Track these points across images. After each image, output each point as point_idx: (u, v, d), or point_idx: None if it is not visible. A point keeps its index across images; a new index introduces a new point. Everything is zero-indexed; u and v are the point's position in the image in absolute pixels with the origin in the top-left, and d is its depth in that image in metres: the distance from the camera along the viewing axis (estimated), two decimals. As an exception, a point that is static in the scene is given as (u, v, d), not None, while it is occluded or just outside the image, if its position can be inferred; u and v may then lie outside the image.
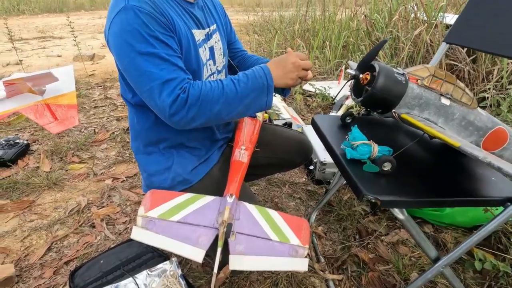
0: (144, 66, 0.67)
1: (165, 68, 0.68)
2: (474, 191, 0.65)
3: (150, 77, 0.67)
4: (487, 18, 0.81)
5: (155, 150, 0.91)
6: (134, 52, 0.67)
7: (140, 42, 0.66)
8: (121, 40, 0.67)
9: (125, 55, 0.68)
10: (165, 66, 0.68)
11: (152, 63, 0.67)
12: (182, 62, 0.72)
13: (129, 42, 0.67)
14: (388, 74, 0.67)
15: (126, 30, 0.66)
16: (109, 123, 2.17)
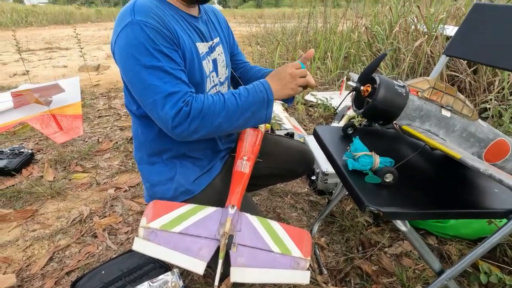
0: (148, 79, 0.69)
1: (169, 81, 0.69)
2: (476, 203, 0.65)
3: (154, 90, 0.69)
4: (485, 31, 0.83)
5: (158, 161, 0.91)
6: (139, 65, 0.68)
7: (145, 55, 0.68)
8: (127, 53, 0.69)
9: (130, 68, 0.70)
10: (168, 79, 0.69)
11: (156, 77, 0.69)
12: (185, 76, 0.74)
13: (134, 56, 0.68)
14: (389, 86, 0.68)
15: (132, 44, 0.68)
16: (112, 133, 2.19)
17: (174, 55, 0.71)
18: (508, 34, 0.78)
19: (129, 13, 0.70)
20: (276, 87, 0.74)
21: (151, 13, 0.71)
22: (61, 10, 19.36)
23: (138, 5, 0.72)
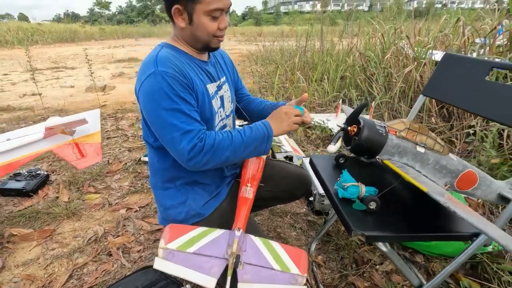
0: (168, 119, 0.82)
1: (185, 121, 0.83)
2: (446, 227, 0.77)
3: (172, 128, 0.82)
4: (454, 78, 0.97)
5: (171, 186, 1.03)
6: (160, 108, 0.82)
7: (165, 100, 0.82)
8: (150, 98, 0.83)
9: (153, 110, 0.84)
10: (185, 119, 0.83)
11: (175, 117, 0.82)
12: (198, 115, 0.88)
13: (156, 100, 0.82)
14: (371, 128, 0.82)
15: (155, 90, 0.82)
16: (121, 154, 2.31)
17: (189, 98, 0.85)
18: (470, 81, 0.93)
19: (153, 64, 0.84)
20: (275, 125, 0.89)
21: (171, 63, 0.85)
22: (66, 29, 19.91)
23: (160, 57, 0.86)
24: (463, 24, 2.54)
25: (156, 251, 1.30)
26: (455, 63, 0.99)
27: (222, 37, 0.93)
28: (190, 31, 0.88)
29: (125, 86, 4.94)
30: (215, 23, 0.86)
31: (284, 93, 3.57)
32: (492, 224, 0.65)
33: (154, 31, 25.43)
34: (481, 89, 0.87)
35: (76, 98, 4.11)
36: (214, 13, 0.84)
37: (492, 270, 1.12)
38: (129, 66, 7.22)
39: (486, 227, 0.60)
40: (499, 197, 0.92)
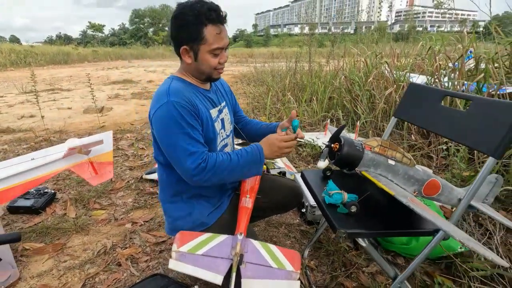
0: (177, 142, 0.98)
1: (191, 143, 0.98)
2: (413, 225, 0.93)
3: (180, 149, 0.98)
4: (418, 102, 1.17)
5: (179, 200, 1.18)
6: (170, 132, 0.98)
7: (175, 125, 0.98)
8: (163, 123, 0.99)
9: (164, 134, 1.00)
10: (191, 142, 0.98)
11: (182, 140, 0.98)
12: (203, 138, 1.03)
13: (168, 125, 0.98)
14: (350, 145, 0.99)
15: (167, 117, 0.98)
16: (123, 173, 2.43)
17: (195, 124, 1.02)
18: (429, 106, 1.13)
19: (166, 94, 1.01)
20: (266, 152, 1.06)
21: (181, 94, 1.02)
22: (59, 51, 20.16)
23: (172, 88, 1.04)
24: (434, 52, 2.84)
25: (163, 261, 1.42)
26: (418, 90, 1.19)
27: (222, 70, 1.11)
28: (195, 66, 1.06)
29: (122, 107, 5.09)
30: (216, 59, 1.05)
31: (276, 113, 3.79)
32: (445, 220, 0.82)
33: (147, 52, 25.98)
34: (436, 112, 1.07)
35: (75, 120, 4.23)
36: (215, 51, 1.02)
37: (462, 268, 1.28)
38: (124, 88, 7.41)
39: (439, 221, 0.76)
40: (459, 202, 1.10)
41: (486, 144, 0.84)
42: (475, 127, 0.89)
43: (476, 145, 0.88)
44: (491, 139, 0.82)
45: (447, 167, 2.18)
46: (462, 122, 0.95)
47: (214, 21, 0.96)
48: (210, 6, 0.96)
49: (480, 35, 2.84)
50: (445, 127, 1.02)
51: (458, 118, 0.98)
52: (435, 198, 1.09)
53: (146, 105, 5.27)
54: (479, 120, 0.89)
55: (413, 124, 1.45)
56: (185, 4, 0.98)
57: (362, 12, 47.85)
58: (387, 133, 1.29)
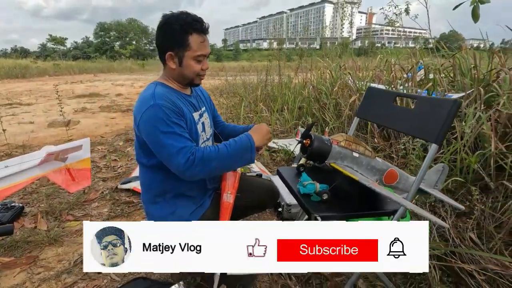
0: (165, 140, 1.04)
1: (179, 140, 1.05)
2: (375, 207, 1.07)
3: (170, 147, 1.04)
4: (376, 103, 1.34)
5: (161, 200, 1.22)
6: (158, 132, 1.04)
7: (163, 125, 1.05)
8: (150, 124, 1.05)
9: (153, 134, 1.06)
10: (179, 139, 1.05)
11: (171, 138, 1.05)
12: (189, 135, 1.11)
13: (156, 126, 1.05)
14: (320, 140, 1.12)
15: (155, 119, 1.05)
16: (96, 184, 2.37)
17: (181, 123, 1.09)
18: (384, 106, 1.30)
19: (151, 98, 1.07)
20: (257, 137, 1.13)
21: (166, 97, 1.09)
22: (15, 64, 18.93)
23: (157, 93, 1.10)
24: (390, 64, 3.15)
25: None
26: (375, 93, 1.37)
27: (203, 76, 1.20)
28: (179, 71, 1.14)
29: (90, 120, 4.93)
30: (199, 65, 1.14)
31: (250, 122, 3.91)
32: (403, 198, 0.96)
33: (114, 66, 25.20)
34: (391, 111, 1.24)
35: (38, 134, 4.02)
36: (199, 58, 1.11)
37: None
38: (91, 101, 7.15)
39: (396, 198, 0.89)
40: (415, 188, 1.26)
41: (430, 133, 1.00)
42: (421, 121, 1.06)
43: (422, 135, 1.05)
44: (433, 129, 0.99)
45: (406, 165, 2.42)
46: (411, 118, 1.12)
47: (198, 30, 1.06)
48: (195, 17, 1.06)
49: (429, 51, 3.23)
50: (398, 123, 1.19)
51: (407, 114, 1.15)
52: (394, 186, 1.25)
53: (116, 118, 5.15)
54: (424, 114, 1.06)
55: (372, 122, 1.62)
56: (172, 14, 1.07)
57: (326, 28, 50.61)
58: (351, 131, 1.44)
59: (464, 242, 1.47)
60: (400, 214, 1.01)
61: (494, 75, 2.41)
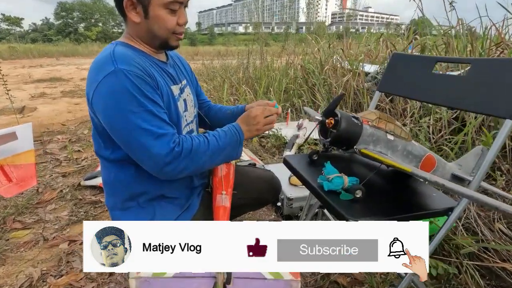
0: (137, 124, 0.72)
1: (156, 124, 0.74)
2: (424, 206, 0.82)
3: (143, 133, 0.72)
4: (404, 73, 1.08)
5: (133, 205, 0.91)
6: (125, 110, 0.72)
7: (131, 101, 0.72)
8: (112, 100, 0.72)
9: (116, 114, 0.72)
10: (155, 122, 0.74)
11: (144, 120, 0.72)
12: (168, 117, 0.79)
13: (120, 102, 0.72)
14: (348, 119, 0.84)
15: (117, 91, 0.72)
16: (54, 181, 1.97)
17: (157, 99, 0.77)
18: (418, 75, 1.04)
19: (110, 61, 0.74)
20: (245, 129, 0.87)
21: (133, 61, 0.75)
22: (-38, 46, 16.88)
23: (118, 53, 0.76)
24: (386, 39, 2.92)
25: (115, 286, 1.10)
26: (403, 60, 1.10)
27: (181, 35, 0.87)
28: (146, 26, 0.80)
29: (49, 107, 4.34)
30: (173, 17, 0.80)
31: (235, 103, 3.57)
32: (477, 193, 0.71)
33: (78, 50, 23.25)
34: (429, 81, 0.98)
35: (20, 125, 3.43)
36: (172, 6, 0.78)
37: (450, 246, 1.23)
38: (51, 86, 6.41)
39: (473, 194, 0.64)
40: (453, 177, 1.03)
41: (499, 106, 0.75)
42: (481, 90, 0.80)
43: (486, 109, 0.79)
44: (503, 100, 0.74)
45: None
46: (464, 88, 0.86)
47: None
48: None
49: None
50: (441, 95, 0.93)
51: (457, 84, 0.89)
52: (430, 175, 1.01)
53: (80, 104, 4.57)
54: (484, 82, 0.80)
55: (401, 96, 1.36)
56: None
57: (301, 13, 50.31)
58: (370, 107, 1.18)
59: (494, 234, 1.29)
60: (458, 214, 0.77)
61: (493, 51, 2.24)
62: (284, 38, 5.41)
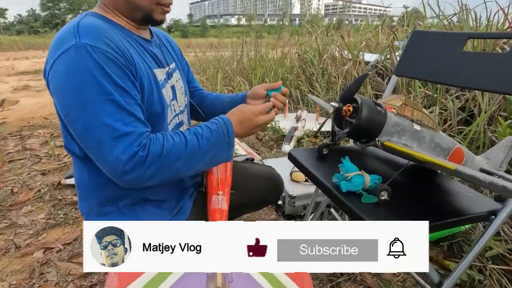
0: (95, 115, 0.56)
1: (121, 118, 0.58)
2: (463, 209, 0.68)
3: (101, 128, 0.56)
4: (427, 53, 0.94)
5: (112, 210, 0.76)
6: (83, 97, 0.56)
7: (92, 86, 0.56)
8: (68, 82, 0.57)
9: (71, 101, 0.57)
10: (121, 116, 0.58)
11: (106, 112, 0.57)
12: (142, 111, 0.63)
13: (78, 86, 0.56)
14: (370, 106, 0.69)
15: (76, 72, 0.56)
16: (31, 179, 1.79)
17: (129, 86, 0.60)
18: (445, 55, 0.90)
19: (73, 34, 0.58)
20: (237, 129, 0.70)
21: (102, 35, 0.60)
22: None
23: (84, 25, 0.60)
24: (389, 25, 2.78)
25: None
26: (426, 39, 0.95)
27: (168, 7, 0.71)
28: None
29: (32, 100, 4.10)
30: None
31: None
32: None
33: (66, 42, 22.50)
34: (458, 61, 0.84)
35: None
36: None
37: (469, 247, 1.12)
38: (36, 79, 6.10)
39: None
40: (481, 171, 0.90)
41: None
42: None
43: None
44: None
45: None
46: (504, 68, 0.72)
47: None
48: None
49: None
50: (475, 77, 0.79)
51: (495, 63, 0.75)
52: (457, 171, 0.87)
53: (66, 97, 4.33)
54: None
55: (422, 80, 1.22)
56: None
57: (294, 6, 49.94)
58: (386, 93, 1.04)
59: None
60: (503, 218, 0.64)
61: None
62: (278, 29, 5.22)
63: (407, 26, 3.04)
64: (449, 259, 1.13)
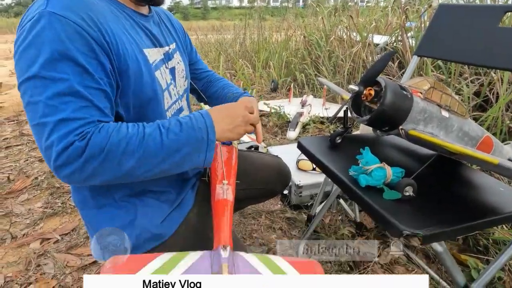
0: (43, 94, 0.48)
1: (72, 102, 0.49)
2: (498, 207, 0.61)
3: (45, 110, 0.48)
4: (455, 30, 0.84)
5: (108, 202, 0.69)
6: (34, 71, 0.48)
7: (47, 61, 0.48)
8: (24, 53, 0.49)
9: (24, 72, 0.49)
10: (72, 99, 0.49)
11: (55, 92, 0.48)
12: (105, 98, 0.53)
13: (32, 58, 0.48)
14: (395, 89, 0.61)
15: (33, 43, 0.49)
16: (29, 166, 1.74)
17: (93, 67, 0.51)
18: (477, 31, 0.80)
19: (42, 3, 0.50)
20: (222, 127, 0.58)
21: (78, 5, 0.51)
22: None
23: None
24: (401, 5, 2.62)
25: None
26: (455, 14, 0.85)
27: None
28: None
29: (30, 84, 4.01)
30: None
31: (232, 79, 3.29)
32: None
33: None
34: (493, 38, 0.74)
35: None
36: None
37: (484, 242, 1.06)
38: (34, 62, 5.98)
39: None
40: (510, 163, 0.83)
41: None
42: None
43: None
44: None
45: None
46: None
47: None
48: None
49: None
50: None
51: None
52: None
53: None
54: None
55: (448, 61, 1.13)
56: None
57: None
58: (406, 77, 0.95)
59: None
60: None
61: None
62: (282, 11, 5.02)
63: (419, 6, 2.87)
64: (465, 253, 1.07)
